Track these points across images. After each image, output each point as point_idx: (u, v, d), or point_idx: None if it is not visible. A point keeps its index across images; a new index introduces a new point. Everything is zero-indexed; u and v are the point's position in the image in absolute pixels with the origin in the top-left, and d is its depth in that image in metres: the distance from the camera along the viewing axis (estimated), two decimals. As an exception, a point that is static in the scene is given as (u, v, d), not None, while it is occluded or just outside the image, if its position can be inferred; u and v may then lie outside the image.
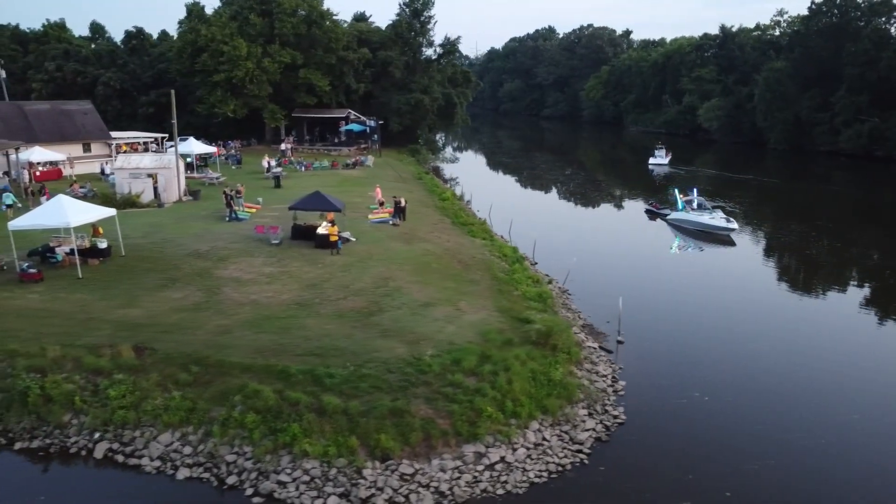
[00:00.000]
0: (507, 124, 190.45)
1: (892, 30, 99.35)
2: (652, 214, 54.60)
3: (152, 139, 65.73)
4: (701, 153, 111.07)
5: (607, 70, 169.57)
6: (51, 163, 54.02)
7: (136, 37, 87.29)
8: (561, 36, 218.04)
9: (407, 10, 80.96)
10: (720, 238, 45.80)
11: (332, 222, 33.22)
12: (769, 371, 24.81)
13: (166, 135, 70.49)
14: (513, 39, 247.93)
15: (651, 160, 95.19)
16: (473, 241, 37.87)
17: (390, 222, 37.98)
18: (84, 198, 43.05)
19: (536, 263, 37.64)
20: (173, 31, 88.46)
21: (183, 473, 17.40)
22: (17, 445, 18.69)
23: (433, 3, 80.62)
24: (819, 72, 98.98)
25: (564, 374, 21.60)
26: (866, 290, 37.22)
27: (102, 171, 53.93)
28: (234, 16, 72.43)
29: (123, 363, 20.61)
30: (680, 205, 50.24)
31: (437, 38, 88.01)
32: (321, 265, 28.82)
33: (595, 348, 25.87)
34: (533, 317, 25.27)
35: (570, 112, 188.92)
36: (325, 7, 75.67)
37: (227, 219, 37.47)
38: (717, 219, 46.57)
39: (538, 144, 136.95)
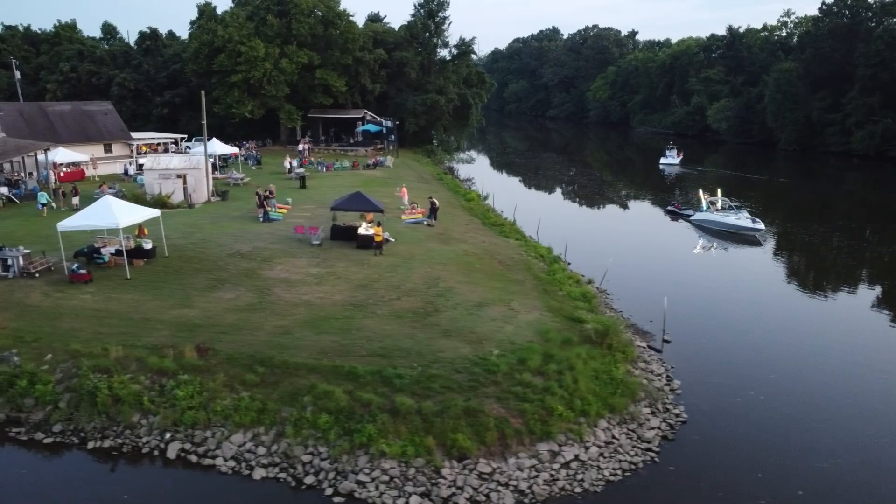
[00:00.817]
0: (512, 125, 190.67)
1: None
2: (674, 215, 54.74)
3: (171, 140, 65.75)
4: (710, 154, 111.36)
5: (614, 71, 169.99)
6: (74, 164, 54.04)
7: (151, 37, 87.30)
8: (566, 37, 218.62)
9: (422, 10, 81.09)
10: (746, 238, 45.95)
11: (372, 222, 33.33)
12: (817, 369, 24.99)
13: (185, 135, 70.74)
14: (517, 40, 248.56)
15: (662, 160, 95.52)
16: (507, 241, 37.98)
17: (424, 223, 38.07)
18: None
19: (570, 264, 37.71)
20: (181, 32, 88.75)
21: (259, 473, 17.46)
22: (90, 445, 18.76)
23: (448, 4, 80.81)
24: (830, 72, 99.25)
25: (625, 373, 21.72)
26: (899, 290, 37.41)
27: (126, 172, 53.97)
28: (251, 16, 72.51)
29: (187, 363, 20.69)
30: (704, 205, 50.37)
31: (452, 38, 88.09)
32: (367, 266, 28.90)
33: (644, 347, 26.00)
34: (584, 316, 25.40)
35: (576, 112, 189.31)
36: (341, 8, 75.69)
37: (261, 219, 37.53)
38: (742, 219, 46.72)
39: (547, 145, 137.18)
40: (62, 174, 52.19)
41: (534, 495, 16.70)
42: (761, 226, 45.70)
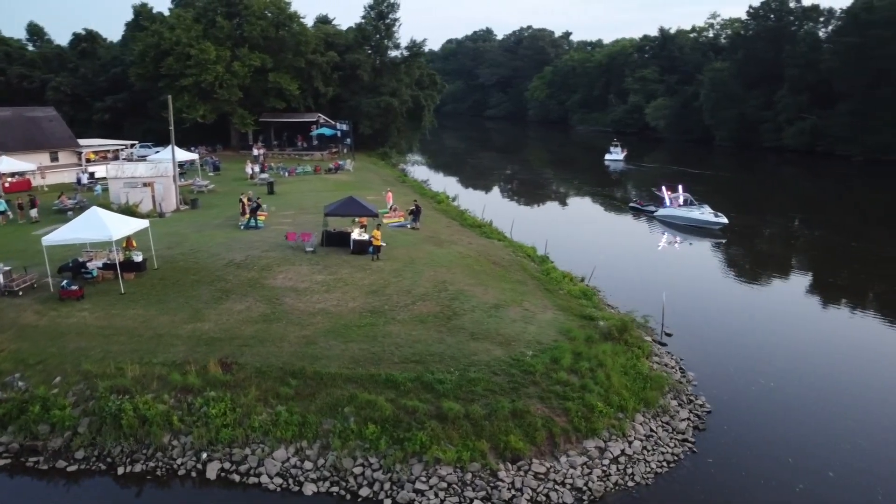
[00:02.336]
0: (451, 125, 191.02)
1: (821, 33, 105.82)
2: (637, 211, 56.37)
3: (122, 146, 62.98)
4: (651, 151, 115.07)
5: (551, 70, 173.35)
6: (19, 173, 50.99)
7: (87, 39, 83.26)
8: (501, 38, 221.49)
9: (372, 12, 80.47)
10: (710, 232, 47.83)
11: (365, 227, 32.98)
12: (815, 353, 26.40)
13: (136, 142, 67.98)
14: (450, 41, 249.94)
15: (608, 157, 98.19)
16: (493, 242, 38.25)
17: (408, 226, 37.90)
18: (75, 209, 41.21)
19: (553, 263, 38.27)
20: (110, 35, 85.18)
21: (310, 489, 17.10)
22: (119, 470, 17.89)
23: (398, 6, 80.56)
24: (762, 72, 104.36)
25: (649, 368, 22.33)
26: (863, 274, 39.81)
27: (78, 181, 51.35)
28: (198, 18, 70.23)
29: (213, 379, 20.03)
30: (667, 201, 52.11)
31: (402, 40, 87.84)
32: (370, 271, 28.57)
33: (649, 341, 26.71)
34: (593, 314, 25.94)
35: (515, 112, 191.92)
36: (292, 10, 74.35)
37: (242, 227, 36.48)
38: (706, 213, 48.62)
39: (489, 145, 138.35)
40: (7, 184, 49.21)
41: (591, 492, 17.00)
42: (724, 219, 47.66)
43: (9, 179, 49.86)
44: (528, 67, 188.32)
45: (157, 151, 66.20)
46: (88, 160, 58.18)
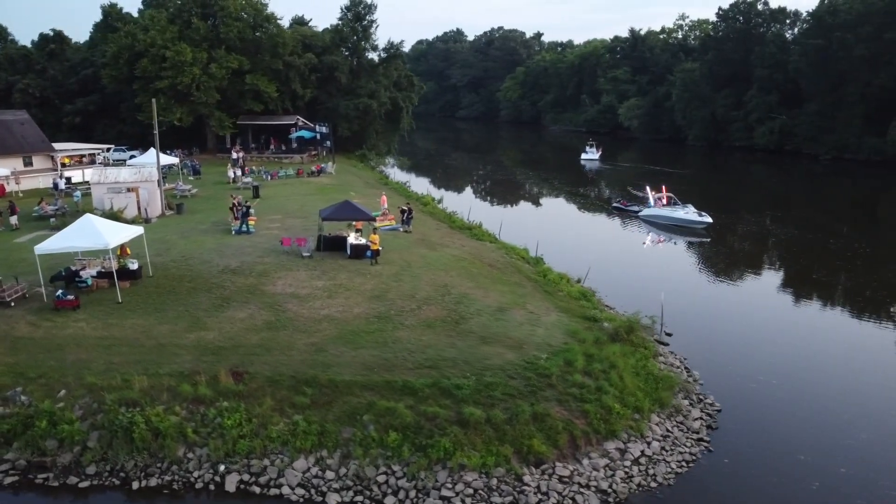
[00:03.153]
0: (422, 126, 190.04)
1: (787, 34, 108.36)
2: (620, 211, 56.95)
3: (97, 150, 61.47)
4: (624, 150, 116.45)
5: (523, 71, 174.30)
6: (-8, 179, 49.49)
7: (55, 40, 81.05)
8: (472, 39, 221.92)
9: (349, 13, 79.89)
10: (694, 231, 48.54)
11: (360, 231, 32.71)
12: (811, 349, 26.96)
13: (111, 146, 66.49)
14: (420, 42, 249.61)
15: (583, 156, 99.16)
16: (485, 244, 38.26)
17: (400, 229, 37.69)
18: (57, 215, 40.12)
19: (548, 264, 38.43)
20: (75, 35, 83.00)
21: (333, 499, 16.87)
22: (134, 485, 17.44)
23: (375, 7, 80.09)
24: (732, 73, 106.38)
25: (658, 368, 22.55)
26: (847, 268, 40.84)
27: (55, 186, 49.93)
28: (173, 19, 68.92)
29: (224, 389, 19.65)
30: (651, 201, 52.75)
31: (380, 42, 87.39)
32: (370, 276, 28.31)
33: (651, 341, 26.96)
34: (597, 315, 26.11)
35: (487, 112, 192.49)
36: (269, 11, 73.41)
37: (234, 232, 35.86)
38: (690, 213, 49.32)
39: (462, 146, 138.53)
40: (-20, 191, 47.72)
41: (616, 494, 17.09)
42: (708, 219, 48.39)
43: (-19, 185, 48.36)
44: (499, 68, 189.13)
45: (133, 156, 65.06)
46: (63, 164, 56.68)
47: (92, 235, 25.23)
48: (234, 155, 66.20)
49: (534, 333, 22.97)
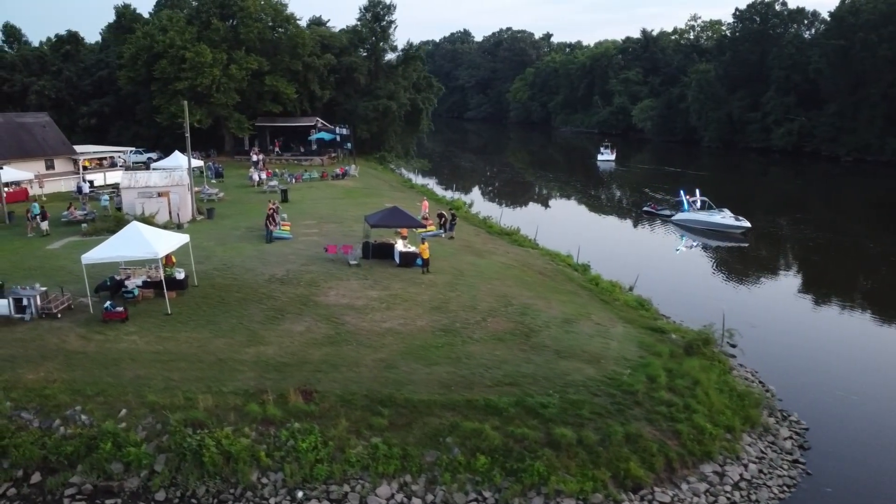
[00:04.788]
0: (432, 126, 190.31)
1: (806, 35, 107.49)
2: (651, 215, 55.99)
3: (119, 153, 60.54)
4: (638, 152, 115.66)
5: (532, 72, 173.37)
6: (15, 183, 48.43)
7: (70, 41, 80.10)
8: (479, 40, 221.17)
9: (367, 14, 78.99)
10: (732, 236, 47.58)
11: (406, 238, 31.78)
12: (879, 362, 25.99)
13: (131, 148, 65.62)
14: (427, 43, 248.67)
15: (599, 158, 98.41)
16: (528, 251, 37.34)
17: (443, 235, 36.72)
18: (87, 220, 39.18)
19: (596, 272, 37.45)
20: (88, 37, 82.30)
21: (421, 526, 15.91)
22: (209, 513, 16.46)
23: (395, 7, 79.17)
24: (748, 74, 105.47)
25: (740, 383, 21.59)
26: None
27: (79, 190, 49.01)
28: (191, 20, 67.99)
29: (294, 410, 18.62)
30: (685, 205, 51.79)
31: (399, 43, 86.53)
32: (424, 285, 27.34)
33: (722, 354, 25.95)
34: (665, 326, 25.18)
35: (495, 113, 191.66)
36: (288, 12, 72.51)
37: (266, 239, 34.68)
38: (727, 217, 48.35)
39: (473, 148, 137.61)
40: (3, 195, 46.64)
41: (721, 522, 16.13)
42: (746, 223, 47.43)
43: (6, 189, 47.31)
44: (507, 69, 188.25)
45: (150, 158, 64.14)
46: (85, 167, 55.73)
47: (140, 244, 24.26)
48: (255, 157, 65.32)
49: (608, 347, 22.01)
